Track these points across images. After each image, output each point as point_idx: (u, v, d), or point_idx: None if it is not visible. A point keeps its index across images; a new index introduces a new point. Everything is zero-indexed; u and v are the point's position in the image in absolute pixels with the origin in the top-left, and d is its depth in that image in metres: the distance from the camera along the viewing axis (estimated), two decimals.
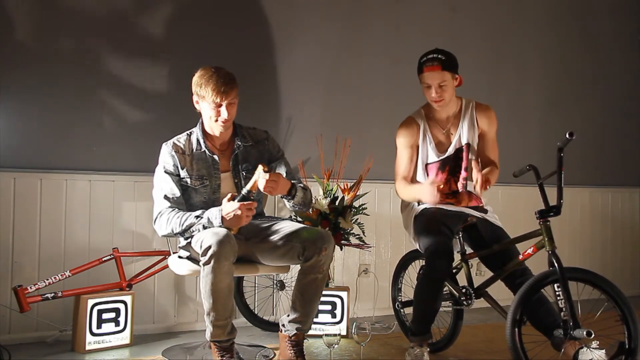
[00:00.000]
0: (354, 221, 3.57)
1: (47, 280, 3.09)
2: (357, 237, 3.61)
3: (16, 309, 3.01)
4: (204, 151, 2.81)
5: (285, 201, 2.81)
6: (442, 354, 3.15)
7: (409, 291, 3.23)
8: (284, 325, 2.81)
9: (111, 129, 3.48)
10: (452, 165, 3.04)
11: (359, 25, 4.17)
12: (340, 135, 3.85)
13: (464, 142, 3.02)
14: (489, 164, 3.01)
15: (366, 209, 3.63)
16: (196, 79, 2.75)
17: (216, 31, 3.72)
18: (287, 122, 3.92)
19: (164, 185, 2.75)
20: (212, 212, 2.62)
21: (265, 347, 3.17)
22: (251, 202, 2.60)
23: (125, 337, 3.18)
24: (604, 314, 2.60)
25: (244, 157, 2.86)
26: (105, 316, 3.13)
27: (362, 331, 2.74)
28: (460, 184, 3.04)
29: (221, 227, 2.58)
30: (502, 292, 2.95)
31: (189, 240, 2.71)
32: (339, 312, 3.49)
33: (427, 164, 3.07)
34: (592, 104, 5.04)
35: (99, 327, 3.10)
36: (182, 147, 2.81)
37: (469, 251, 3.02)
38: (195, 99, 2.78)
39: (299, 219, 3.46)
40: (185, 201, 2.78)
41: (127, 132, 3.50)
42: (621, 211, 5.13)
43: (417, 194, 2.94)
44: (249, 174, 2.84)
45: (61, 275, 3.12)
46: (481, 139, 3.05)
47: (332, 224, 3.50)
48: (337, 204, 3.53)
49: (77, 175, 3.36)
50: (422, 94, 3.12)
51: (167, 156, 2.79)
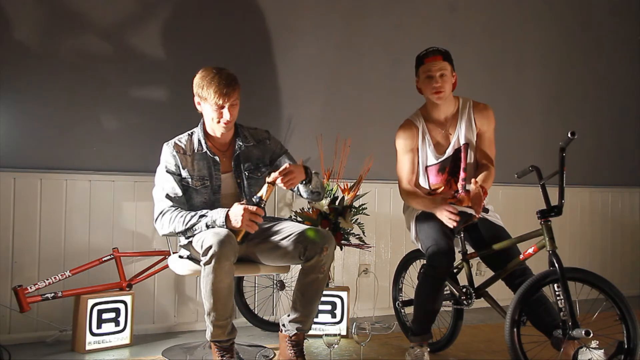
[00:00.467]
0: (354, 221, 3.57)
1: (47, 280, 3.09)
2: (357, 237, 3.61)
3: (16, 309, 3.01)
4: (205, 152, 2.81)
5: (302, 190, 2.78)
6: (442, 353, 3.15)
7: (409, 291, 3.23)
8: (284, 325, 2.81)
9: (111, 129, 3.48)
10: (452, 166, 3.04)
11: (359, 25, 4.17)
12: (340, 135, 3.85)
13: (462, 143, 3.02)
14: (485, 163, 3.01)
15: (366, 209, 3.63)
16: (197, 81, 2.73)
17: (216, 31, 3.72)
18: (287, 122, 3.92)
19: (165, 184, 2.74)
20: (217, 212, 2.62)
21: (265, 347, 3.17)
22: (258, 208, 2.56)
23: (125, 337, 3.18)
24: (603, 314, 2.60)
25: (246, 157, 2.86)
26: (105, 316, 3.13)
27: (362, 331, 2.74)
28: (459, 185, 3.04)
29: (224, 227, 2.57)
30: (502, 292, 2.95)
31: (190, 239, 2.71)
32: (339, 312, 3.49)
33: (427, 167, 3.07)
34: (592, 104, 5.05)
35: (99, 327, 3.10)
36: (184, 147, 2.80)
37: (470, 251, 3.02)
38: (196, 100, 2.77)
39: (299, 219, 3.46)
40: (186, 201, 2.78)
41: (127, 132, 3.50)
42: (621, 211, 5.14)
43: (428, 209, 2.93)
44: (252, 174, 2.84)
45: (61, 275, 3.12)
46: (479, 138, 3.04)
47: (332, 224, 3.50)
48: (337, 204, 3.53)
49: (77, 175, 3.36)
50: (421, 95, 3.13)
51: (168, 156, 2.78)
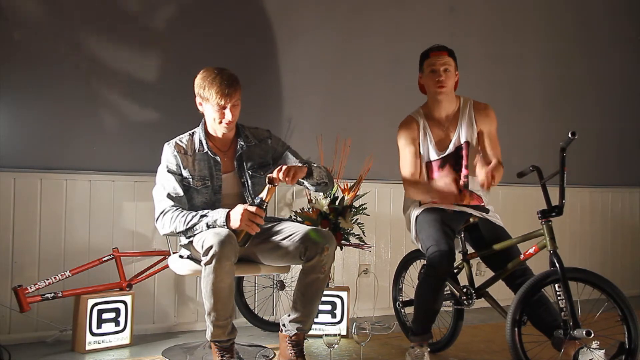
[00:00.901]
0: (354, 221, 3.57)
1: (47, 280, 3.09)
2: (357, 237, 3.60)
3: (16, 309, 3.00)
4: (206, 152, 2.80)
5: (307, 184, 2.78)
6: (443, 353, 3.15)
7: (409, 291, 3.23)
8: (284, 325, 2.81)
9: (111, 129, 3.48)
10: (453, 163, 3.04)
11: (359, 25, 4.17)
12: (340, 135, 3.85)
13: (462, 141, 3.02)
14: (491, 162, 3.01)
15: (366, 209, 3.63)
16: (199, 81, 2.73)
17: (217, 32, 3.72)
18: (287, 122, 3.92)
19: (166, 184, 2.74)
20: (218, 212, 2.62)
21: (265, 347, 3.17)
22: (258, 209, 2.55)
23: (125, 337, 3.18)
24: (604, 314, 2.60)
25: (248, 156, 2.85)
26: (105, 316, 3.12)
27: (362, 331, 2.74)
28: (461, 182, 3.03)
29: (224, 227, 2.57)
30: (503, 292, 2.95)
31: (191, 239, 2.71)
32: (339, 312, 3.49)
33: (428, 162, 3.07)
34: (592, 104, 5.05)
35: (99, 327, 3.10)
36: (185, 147, 2.80)
37: (471, 251, 3.02)
38: (198, 100, 2.77)
39: (299, 219, 3.46)
40: (187, 201, 2.77)
41: (127, 132, 3.50)
42: (621, 211, 5.14)
43: (433, 190, 2.94)
44: (254, 173, 2.83)
45: (61, 275, 3.12)
46: (482, 138, 3.04)
47: (332, 224, 3.50)
48: (337, 204, 3.53)
49: (77, 175, 3.35)
50: (421, 94, 3.13)
51: (169, 156, 2.78)
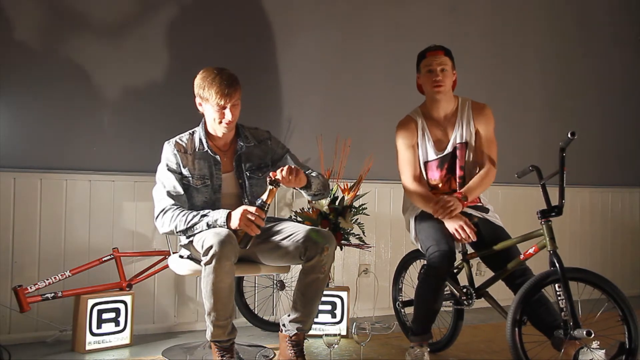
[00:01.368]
0: (354, 221, 3.56)
1: (47, 280, 3.09)
2: (357, 237, 3.60)
3: (16, 309, 3.00)
4: (206, 151, 2.80)
5: (303, 193, 2.78)
6: (442, 353, 3.15)
7: (409, 291, 3.23)
8: (284, 325, 2.81)
9: (111, 129, 3.48)
10: (450, 163, 3.04)
11: (359, 25, 4.17)
12: (340, 135, 3.85)
13: (461, 141, 3.01)
14: (484, 163, 3.01)
15: (366, 209, 3.63)
16: (199, 81, 2.73)
17: (217, 32, 3.72)
18: (287, 122, 3.92)
19: (166, 182, 2.74)
20: (218, 212, 2.61)
21: (265, 347, 3.17)
22: (257, 209, 2.54)
23: (125, 337, 3.18)
24: (604, 314, 2.60)
25: (247, 157, 2.86)
26: (105, 316, 3.12)
27: (362, 331, 2.74)
28: (457, 182, 3.03)
29: (224, 226, 2.57)
30: (503, 292, 2.95)
31: (191, 239, 2.71)
32: (339, 312, 3.49)
33: (427, 162, 3.07)
34: (591, 104, 5.05)
35: (99, 327, 3.10)
36: (185, 146, 2.80)
37: (470, 251, 3.02)
38: (198, 100, 2.77)
39: (299, 219, 3.46)
40: (187, 200, 2.77)
41: (127, 132, 3.50)
42: (621, 211, 5.14)
43: (429, 210, 2.92)
44: (253, 174, 2.83)
45: (61, 275, 3.12)
46: (479, 138, 3.04)
47: (332, 224, 3.50)
48: (337, 204, 3.53)
49: (77, 175, 3.35)
50: (421, 94, 3.12)
51: (169, 154, 2.78)
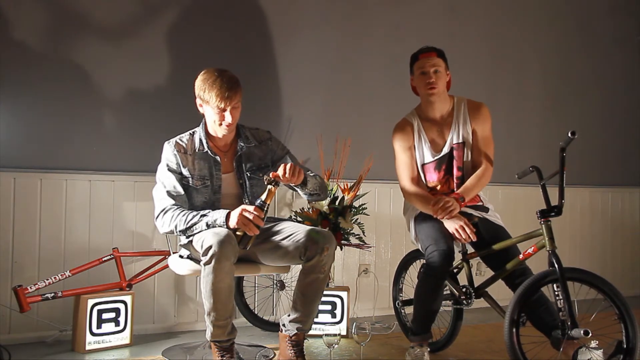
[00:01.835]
0: (354, 221, 3.56)
1: (47, 280, 3.09)
2: (357, 237, 3.60)
3: (16, 309, 3.01)
4: (207, 151, 2.80)
5: (300, 192, 2.78)
6: (442, 353, 3.15)
7: (409, 291, 3.23)
8: (284, 325, 2.81)
9: (111, 129, 3.48)
10: (448, 164, 3.04)
11: (359, 25, 4.17)
12: (340, 135, 3.85)
13: (458, 141, 3.01)
14: (481, 162, 3.00)
15: (366, 209, 3.63)
16: (199, 83, 2.72)
17: (216, 32, 3.72)
18: (287, 122, 3.92)
19: (167, 182, 2.74)
20: (218, 212, 2.62)
21: (265, 347, 3.17)
22: (256, 208, 2.54)
23: (125, 337, 3.18)
24: (602, 314, 2.60)
25: (248, 157, 2.86)
26: (105, 316, 3.13)
27: (362, 331, 2.74)
28: (455, 183, 3.03)
29: (224, 226, 2.57)
30: (502, 292, 2.95)
31: (190, 239, 2.71)
32: (339, 312, 3.49)
33: (424, 164, 3.06)
34: (592, 104, 5.05)
35: (99, 327, 3.10)
36: (185, 146, 2.80)
37: (470, 250, 3.02)
38: (198, 102, 2.77)
39: (299, 219, 3.46)
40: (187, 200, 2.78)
41: (127, 132, 3.50)
42: (621, 211, 5.14)
43: (428, 211, 2.92)
44: (253, 175, 2.83)
45: (61, 275, 3.12)
46: (475, 137, 3.03)
47: (332, 224, 3.50)
48: (337, 204, 3.53)
49: (77, 175, 3.36)
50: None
51: (169, 154, 2.78)
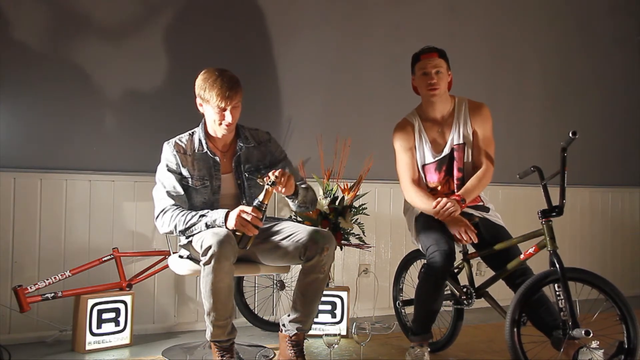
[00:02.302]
0: (354, 221, 3.56)
1: (47, 280, 3.09)
2: (357, 237, 3.60)
3: (16, 309, 3.01)
4: (206, 152, 2.80)
5: (289, 202, 2.80)
6: (442, 353, 3.15)
7: (410, 291, 3.23)
8: (284, 325, 2.81)
9: (111, 129, 3.48)
10: (448, 164, 3.03)
11: (359, 25, 4.17)
12: (340, 135, 3.85)
13: (459, 142, 3.01)
14: (482, 162, 3.00)
15: (366, 209, 3.63)
16: (200, 83, 2.72)
17: (216, 32, 3.72)
18: (287, 122, 3.92)
19: (166, 182, 2.74)
20: (217, 212, 2.62)
21: (265, 347, 3.17)
22: (254, 209, 2.54)
23: (125, 337, 3.18)
24: (603, 314, 2.60)
25: (246, 158, 2.86)
26: (105, 316, 3.12)
27: (362, 331, 2.74)
28: (455, 184, 3.03)
29: (223, 227, 2.57)
30: (503, 292, 2.95)
31: (190, 239, 2.71)
32: (339, 312, 3.49)
33: (424, 165, 3.06)
34: (592, 104, 5.05)
35: (99, 327, 3.10)
36: (184, 146, 2.80)
37: (471, 250, 3.01)
38: (198, 101, 2.77)
39: (299, 220, 3.46)
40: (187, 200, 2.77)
41: (127, 132, 3.50)
42: (621, 211, 5.14)
43: (429, 212, 2.92)
44: (251, 175, 2.83)
45: (61, 275, 3.12)
46: (476, 137, 3.03)
47: (332, 224, 3.50)
48: (337, 204, 3.53)
49: (77, 175, 3.35)
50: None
51: (169, 155, 2.78)
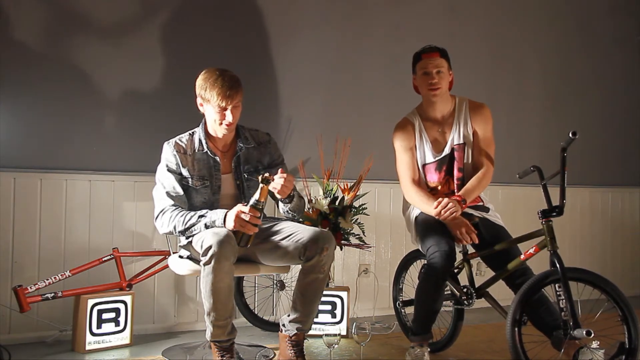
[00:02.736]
0: (354, 221, 3.56)
1: (47, 280, 3.09)
2: (357, 237, 3.60)
3: (16, 309, 3.01)
4: (206, 152, 2.81)
5: (281, 205, 2.80)
6: (443, 353, 3.15)
7: (410, 291, 3.23)
8: (284, 325, 2.81)
9: (111, 129, 3.48)
10: (449, 164, 3.03)
11: (359, 25, 4.17)
12: (340, 135, 3.85)
13: (459, 142, 3.00)
14: (482, 162, 3.00)
15: (366, 209, 3.62)
16: (200, 82, 2.72)
17: (216, 32, 3.72)
18: (287, 122, 3.92)
19: (166, 182, 2.75)
20: (216, 213, 2.62)
21: (265, 347, 3.17)
22: (251, 208, 2.54)
23: (125, 337, 3.18)
24: (604, 314, 2.60)
25: (246, 158, 2.86)
26: (105, 316, 3.12)
27: (362, 331, 2.74)
28: (455, 184, 3.02)
29: (222, 227, 2.57)
30: (503, 292, 2.95)
31: (190, 239, 2.71)
32: (339, 312, 3.49)
33: (425, 165, 3.06)
34: (592, 104, 5.05)
35: (99, 327, 3.10)
36: (184, 146, 2.80)
37: (471, 251, 3.01)
38: (199, 101, 2.77)
39: (299, 220, 3.45)
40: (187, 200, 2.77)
41: (127, 132, 3.50)
42: (621, 211, 5.13)
43: (430, 213, 2.92)
44: (251, 176, 2.83)
45: (61, 275, 3.12)
46: (476, 138, 3.03)
47: (332, 224, 3.49)
48: (337, 204, 3.52)
49: (77, 175, 3.35)
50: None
51: (169, 155, 2.78)
